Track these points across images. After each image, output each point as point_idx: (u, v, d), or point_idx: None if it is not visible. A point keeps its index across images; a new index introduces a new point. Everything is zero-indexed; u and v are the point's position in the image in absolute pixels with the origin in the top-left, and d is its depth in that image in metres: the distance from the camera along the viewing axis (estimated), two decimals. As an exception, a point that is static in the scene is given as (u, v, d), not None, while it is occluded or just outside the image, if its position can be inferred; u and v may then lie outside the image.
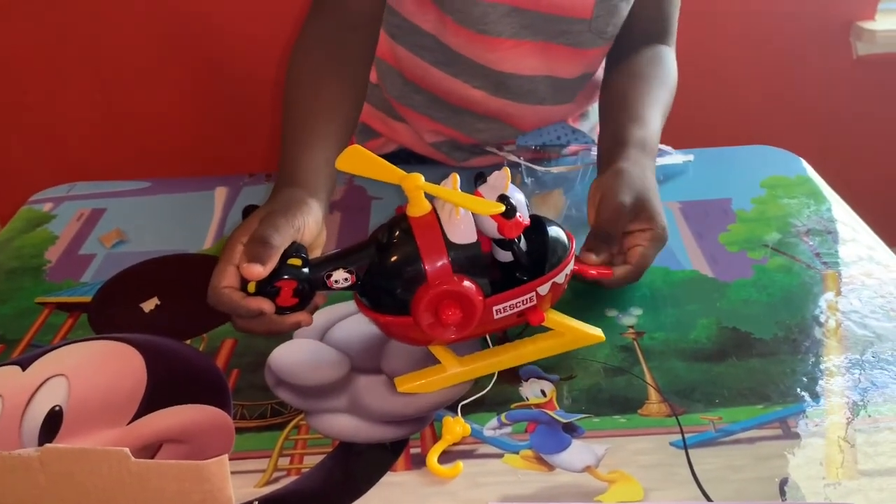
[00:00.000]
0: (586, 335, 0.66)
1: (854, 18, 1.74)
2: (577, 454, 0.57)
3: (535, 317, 0.62)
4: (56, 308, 0.76)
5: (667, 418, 0.60)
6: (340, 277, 0.60)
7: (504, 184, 0.60)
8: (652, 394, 0.62)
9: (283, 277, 0.60)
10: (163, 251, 0.84)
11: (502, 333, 0.68)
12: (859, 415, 0.59)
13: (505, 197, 0.58)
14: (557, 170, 0.93)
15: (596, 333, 0.67)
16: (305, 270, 0.60)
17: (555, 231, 0.63)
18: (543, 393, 0.63)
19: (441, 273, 0.58)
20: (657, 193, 0.73)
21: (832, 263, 0.77)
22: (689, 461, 0.56)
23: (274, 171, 0.98)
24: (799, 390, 0.62)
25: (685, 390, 0.62)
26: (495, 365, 0.64)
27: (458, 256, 0.58)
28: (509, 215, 0.57)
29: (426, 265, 0.58)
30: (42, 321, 0.74)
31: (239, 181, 0.97)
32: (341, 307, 0.72)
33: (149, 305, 0.75)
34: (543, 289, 0.61)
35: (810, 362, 0.65)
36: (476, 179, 0.62)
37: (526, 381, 0.64)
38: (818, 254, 0.79)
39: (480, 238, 0.60)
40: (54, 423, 0.59)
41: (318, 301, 0.65)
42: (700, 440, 0.58)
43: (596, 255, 0.68)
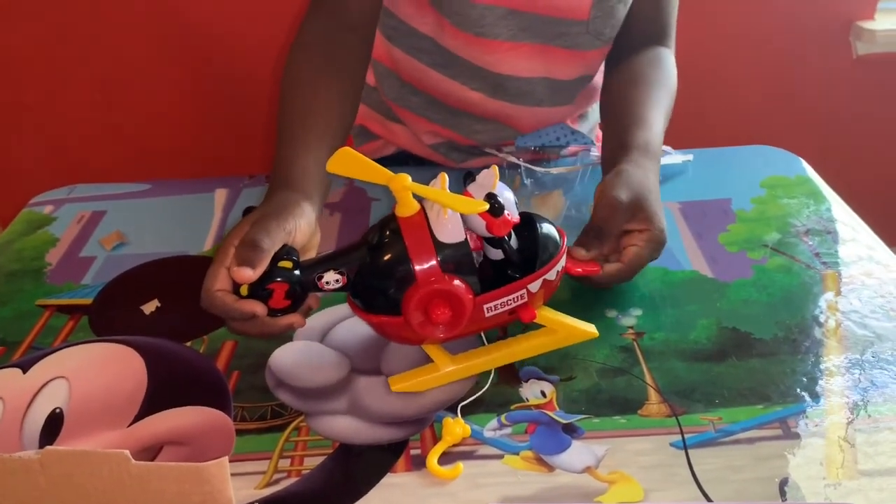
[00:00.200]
0: (579, 331, 0.66)
1: (854, 18, 1.73)
2: (577, 455, 0.57)
3: (527, 314, 0.62)
4: (57, 310, 0.76)
5: (667, 419, 0.60)
6: (332, 279, 0.60)
7: (492, 182, 0.60)
8: (652, 394, 0.62)
9: (275, 280, 0.60)
10: (163, 253, 0.84)
11: (503, 332, 0.68)
12: (859, 415, 0.59)
13: (492, 195, 0.58)
14: (557, 171, 0.93)
15: (589, 329, 0.67)
16: (297, 272, 0.61)
17: (546, 228, 0.63)
18: (543, 394, 0.63)
19: (430, 272, 0.58)
20: (658, 195, 0.73)
21: (832, 263, 0.77)
22: (689, 462, 0.56)
23: (274, 173, 0.98)
24: (799, 390, 0.62)
25: (685, 391, 0.62)
26: (489, 363, 0.64)
27: (447, 256, 0.58)
28: (496, 213, 0.57)
29: (415, 265, 0.58)
30: (43, 323, 0.74)
31: (239, 183, 0.98)
32: (341, 309, 0.72)
33: (149, 308, 0.75)
34: (534, 286, 0.61)
35: (810, 362, 0.65)
36: (465, 178, 0.62)
37: (526, 383, 0.64)
38: (818, 254, 0.79)
39: (471, 237, 0.60)
40: (55, 426, 0.60)
41: (312, 303, 0.65)
42: (700, 440, 0.58)
43: (586, 251, 0.68)
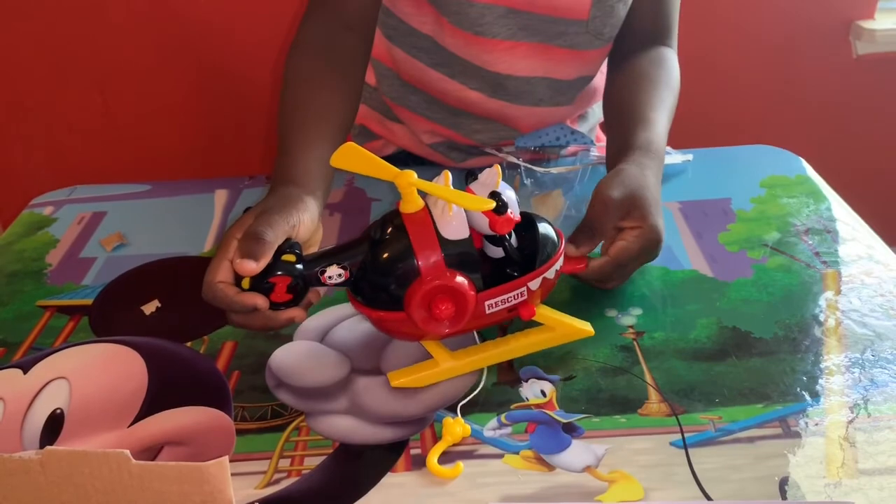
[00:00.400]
0: (576, 329, 0.66)
1: (854, 17, 1.73)
2: (578, 454, 0.57)
3: (526, 311, 0.62)
4: (57, 311, 0.76)
5: (667, 418, 0.60)
6: (334, 273, 0.60)
7: (495, 181, 0.60)
8: (652, 393, 0.62)
9: (277, 273, 0.60)
10: (163, 254, 0.84)
11: (502, 330, 0.68)
12: (859, 414, 0.59)
13: (496, 194, 0.58)
14: (556, 170, 0.93)
15: (585, 328, 0.67)
16: (299, 266, 0.60)
17: (545, 227, 0.64)
18: (543, 393, 0.63)
19: (434, 268, 0.58)
20: (656, 193, 0.72)
21: (832, 262, 0.77)
22: (689, 461, 0.56)
23: (274, 174, 0.98)
24: (799, 389, 0.62)
25: (685, 390, 0.62)
26: (487, 359, 0.65)
27: (451, 252, 0.59)
28: (500, 211, 0.58)
29: (419, 260, 0.58)
30: (43, 324, 0.74)
31: (239, 184, 0.98)
32: (341, 309, 0.73)
33: (149, 308, 0.75)
34: (534, 284, 0.62)
35: (810, 361, 0.65)
36: (467, 177, 0.63)
37: (526, 382, 0.64)
38: (818, 253, 0.79)
39: (472, 234, 0.60)
40: (55, 426, 0.60)
41: (312, 298, 0.65)
42: (700, 440, 0.58)
43: (576, 247, 0.67)
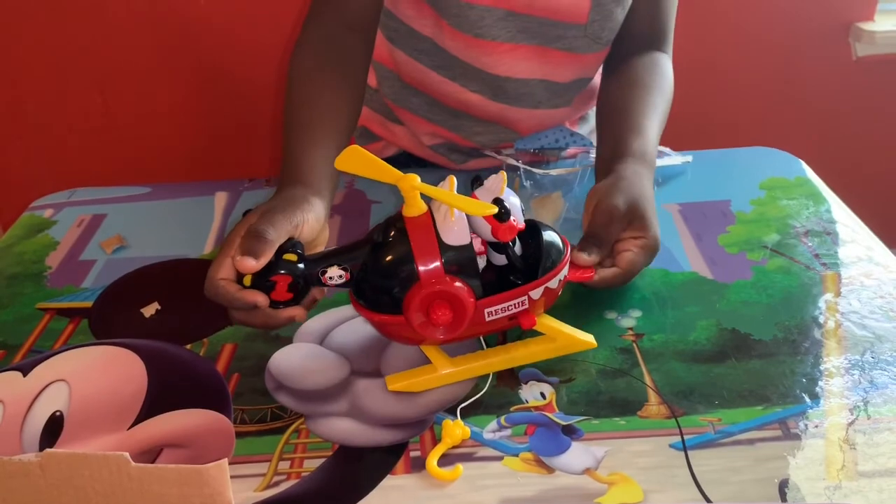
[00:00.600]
0: (578, 341, 0.66)
1: (853, 19, 1.74)
2: (577, 456, 0.57)
3: (527, 321, 0.62)
4: (57, 314, 0.76)
5: (666, 420, 0.60)
6: (335, 274, 0.60)
7: (500, 187, 0.60)
8: (651, 396, 0.62)
9: (279, 272, 0.60)
10: (163, 256, 0.84)
11: (502, 337, 0.68)
12: (859, 416, 0.59)
13: (499, 200, 0.58)
14: (555, 172, 0.93)
15: (588, 340, 0.66)
16: (301, 266, 0.61)
17: (550, 235, 0.63)
18: (543, 395, 0.63)
19: (433, 273, 0.58)
20: (653, 204, 0.73)
21: (831, 264, 0.77)
22: (689, 463, 0.56)
23: (273, 176, 0.98)
24: (799, 391, 0.62)
25: (684, 392, 0.62)
26: (486, 367, 0.64)
27: (451, 258, 0.59)
28: (502, 218, 0.57)
29: (419, 265, 0.58)
30: (43, 327, 0.74)
31: (239, 186, 0.98)
32: (341, 311, 0.73)
33: (149, 310, 0.75)
34: (536, 293, 0.61)
35: (810, 363, 0.65)
36: (473, 182, 0.62)
37: (525, 384, 0.64)
38: (817, 255, 0.79)
39: (475, 241, 0.60)
40: (55, 429, 0.60)
41: (317, 295, 0.65)
42: (699, 442, 0.58)
43: (587, 256, 0.68)
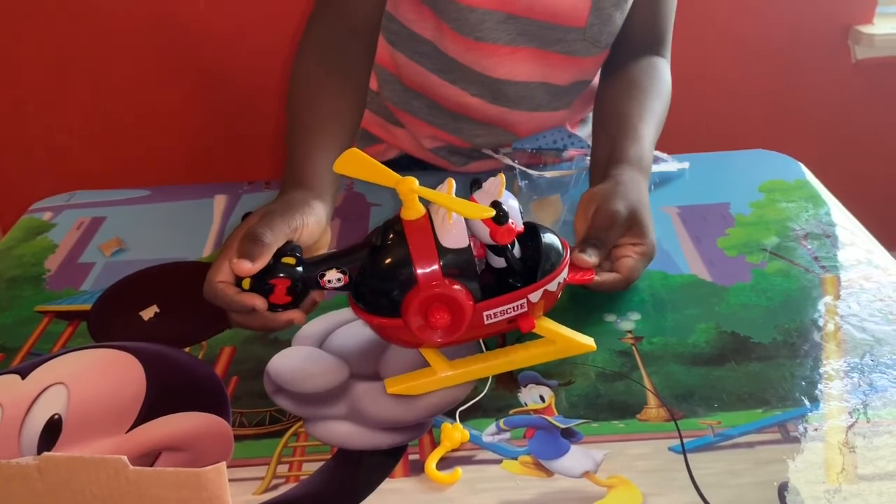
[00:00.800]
0: (578, 344, 0.66)
1: (853, 22, 1.74)
2: (576, 460, 0.57)
3: (526, 324, 0.61)
4: (56, 316, 0.76)
5: (665, 423, 0.60)
6: (334, 277, 0.60)
7: (498, 190, 0.60)
8: (650, 399, 0.62)
9: (277, 275, 0.60)
10: (162, 259, 0.84)
11: (501, 340, 0.68)
12: (859, 419, 0.59)
13: (497, 203, 0.58)
14: (552, 174, 0.93)
15: (587, 343, 0.66)
16: (299, 269, 0.61)
17: (549, 238, 0.63)
18: (542, 398, 0.63)
19: (432, 277, 0.58)
20: (650, 210, 0.74)
21: (831, 267, 0.77)
22: (688, 466, 0.56)
23: (273, 179, 0.98)
24: (798, 394, 0.62)
25: (684, 395, 0.62)
26: (485, 370, 0.64)
27: (450, 261, 0.58)
28: (500, 221, 0.57)
29: (417, 268, 0.58)
30: (42, 330, 0.74)
31: (238, 189, 0.98)
32: (339, 314, 0.73)
33: (148, 313, 0.75)
34: (535, 296, 0.61)
35: (809, 366, 0.65)
36: (472, 186, 0.62)
37: (524, 387, 0.64)
38: (817, 258, 0.79)
39: (474, 244, 0.60)
40: (54, 432, 0.60)
41: (317, 297, 0.65)
42: (699, 445, 0.58)
43: (588, 258, 0.68)
